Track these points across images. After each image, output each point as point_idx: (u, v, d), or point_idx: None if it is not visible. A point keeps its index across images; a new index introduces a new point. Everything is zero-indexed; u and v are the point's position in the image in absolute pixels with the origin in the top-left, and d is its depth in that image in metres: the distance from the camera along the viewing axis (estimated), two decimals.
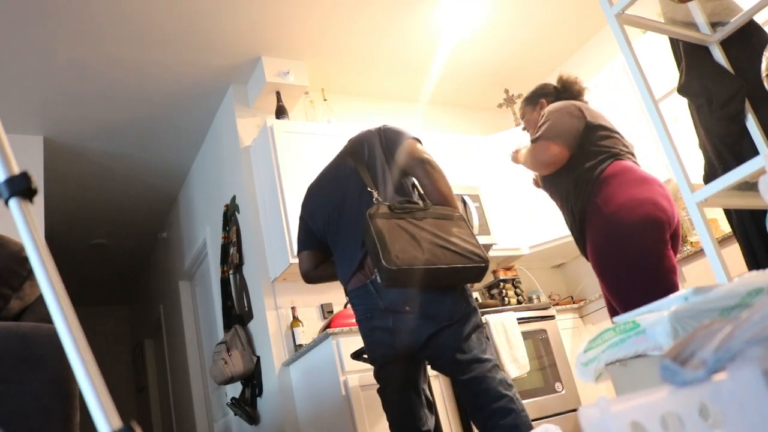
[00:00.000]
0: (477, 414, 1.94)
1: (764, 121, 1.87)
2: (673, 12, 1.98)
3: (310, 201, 2.33)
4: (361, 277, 2.07)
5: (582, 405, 0.81)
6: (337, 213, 2.17)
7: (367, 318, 2.09)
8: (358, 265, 2.07)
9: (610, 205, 2.09)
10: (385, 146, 2.19)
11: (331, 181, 2.26)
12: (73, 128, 4.19)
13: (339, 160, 2.29)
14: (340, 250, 2.18)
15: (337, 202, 2.18)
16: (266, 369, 3.52)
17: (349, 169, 2.19)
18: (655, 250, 2.01)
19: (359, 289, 2.09)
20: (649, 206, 2.05)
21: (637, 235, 2.02)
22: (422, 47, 4.20)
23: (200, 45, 3.66)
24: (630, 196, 2.08)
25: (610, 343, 1.00)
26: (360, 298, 2.09)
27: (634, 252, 2.03)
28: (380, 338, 2.06)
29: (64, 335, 0.70)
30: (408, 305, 1.96)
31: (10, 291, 1.76)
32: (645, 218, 2.03)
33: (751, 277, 0.92)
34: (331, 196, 2.22)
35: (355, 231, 2.07)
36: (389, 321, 2.01)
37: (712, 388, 0.55)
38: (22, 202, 0.77)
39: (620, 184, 2.13)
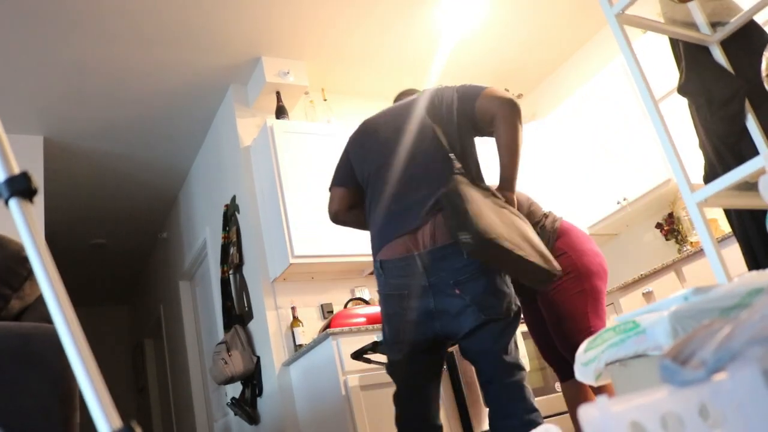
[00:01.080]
0: (506, 420, 1.80)
1: (764, 121, 1.87)
2: (673, 12, 1.98)
3: (364, 137, 2.11)
4: (408, 245, 1.83)
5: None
6: (397, 163, 1.94)
7: (401, 295, 1.85)
8: (411, 230, 1.84)
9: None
10: (460, 108, 2.00)
11: (398, 128, 2.03)
12: (73, 128, 4.19)
13: (411, 110, 2.07)
14: (387, 205, 1.92)
15: (400, 151, 1.96)
16: (266, 369, 3.52)
17: (425, 125, 1.99)
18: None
19: (401, 261, 1.84)
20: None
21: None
22: (422, 47, 4.20)
23: (200, 45, 3.66)
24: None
25: (610, 343, 1.00)
26: (398, 270, 1.84)
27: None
28: (415, 320, 1.84)
29: (64, 335, 0.70)
30: (459, 288, 1.78)
31: (10, 291, 1.76)
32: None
33: (751, 277, 0.92)
34: (393, 143, 1.99)
35: (418, 190, 1.87)
36: (431, 302, 1.81)
37: (712, 388, 0.55)
38: (22, 202, 0.77)
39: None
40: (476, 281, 1.79)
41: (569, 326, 2.30)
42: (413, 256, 1.82)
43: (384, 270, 1.90)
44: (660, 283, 3.41)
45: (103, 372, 0.71)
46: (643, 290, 3.49)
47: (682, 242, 3.90)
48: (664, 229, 4.02)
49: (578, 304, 2.30)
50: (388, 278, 1.89)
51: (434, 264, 1.80)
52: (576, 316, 2.29)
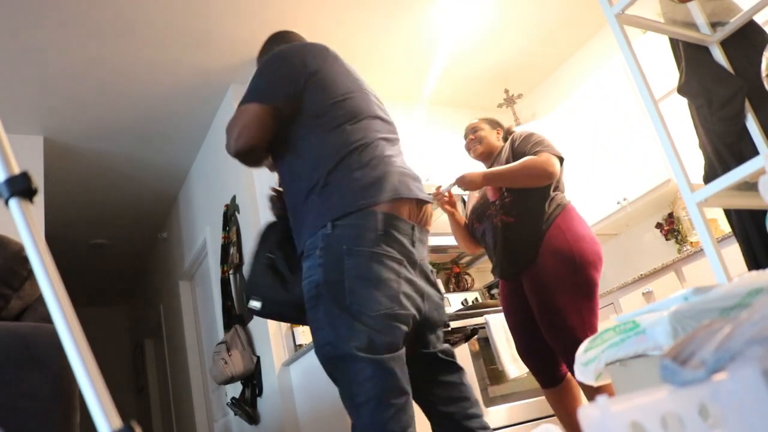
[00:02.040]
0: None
1: (764, 121, 1.87)
2: (673, 12, 1.98)
3: (346, 67, 1.93)
4: (414, 213, 1.68)
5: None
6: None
7: (400, 261, 1.60)
8: (422, 200, 1.70)
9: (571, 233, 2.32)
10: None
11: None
12: (73, 128, 4.19)
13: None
14: (400, 162, 1.74)
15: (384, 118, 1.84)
16: (266, 369, 3.52)
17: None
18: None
19: (408, 225, 1.63)
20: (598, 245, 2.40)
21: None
22: (422, 47, 4.20)
23: (200, 45, 3.66)
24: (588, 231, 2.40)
25: (610, 343, 1.00)
26: (404, 236, 1.62)
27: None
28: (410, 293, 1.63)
29: (64, 335, 0.70)
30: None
31: (11, 291, 1.76)
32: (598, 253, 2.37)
33: (751, 277, 0.92)
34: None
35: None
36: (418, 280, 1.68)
37: (712, 388, 0.55)
38: (22, 202, 0.77)
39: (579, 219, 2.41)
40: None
41: (560, 319, 2.23)
42: (413, 226, 1.65)
43: (388, 225, 1.59)
44: (660, 283, 3.41)
45: (103, 372, 0.71)
46: (643, 290, 3.49)
47: (682, 242, 3.90)
48: (664, 229, 4.02)
49: (571, 298, 2.24)
50: (388, 238, 1.58)
51: (422, 244, 1.70)
52: (568, 311, 2.23)
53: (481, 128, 2.66)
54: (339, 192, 1.60)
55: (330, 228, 1.56)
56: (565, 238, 2.28)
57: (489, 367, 3.14)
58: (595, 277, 2.30)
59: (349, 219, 1.56)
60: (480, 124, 2.69)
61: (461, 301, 3.90)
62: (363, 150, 1.67)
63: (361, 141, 1.68)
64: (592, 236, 2.37)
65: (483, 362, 3.14)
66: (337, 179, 1.61)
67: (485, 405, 3.00)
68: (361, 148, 1.67)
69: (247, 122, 1.70)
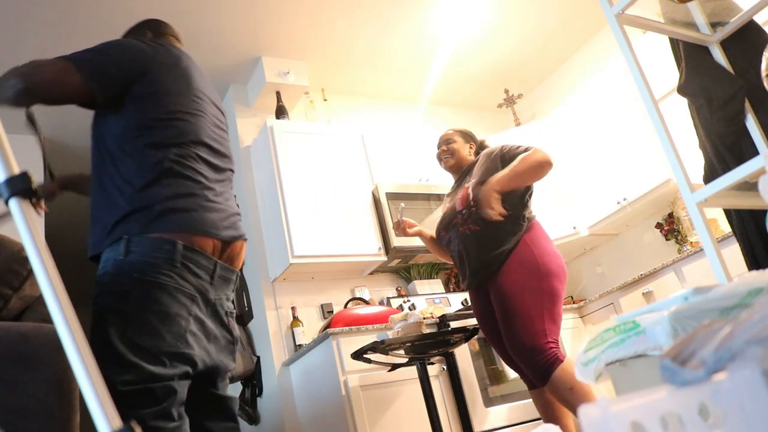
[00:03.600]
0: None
1: (764, 121, 1.87)
2: (673, 12, 1.98)
3: (191, 74, 1.79)
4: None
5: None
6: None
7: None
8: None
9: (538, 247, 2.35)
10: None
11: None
12: (73, 128, 4.19)
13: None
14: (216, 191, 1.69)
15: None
16: (266, 369, 3.52)
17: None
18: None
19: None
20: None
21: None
22: (422, 47, 4.20)
23: (200, 45, 3.66)
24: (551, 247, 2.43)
25: (610, 343, 1.00)
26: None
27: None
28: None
29: (64, 335, 0.71)
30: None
31: (11, 291, 1.76)
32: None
33: (751, 277, 0.92)
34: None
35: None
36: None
37: (712, 388, 0.55)
38: (22, 202, 0.77)
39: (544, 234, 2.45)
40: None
41: (521, 324, 2.21)
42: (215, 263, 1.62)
43: (186, 258, 1.53)
44: (660, 283, 3.41)
45: None
46: (643, 290, 3.49)
47: (682, 242, 3.90)
48: (664, 229, 4.03)
49: (534, 303, 2.23)
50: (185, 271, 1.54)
51: (223, 282, 1.65)
52: (530, 315, 2.21)
53: (455, 140, 2.69)
54: (143, 211, 1.51)
55: (124, 247, 1.49)
56: (531, 251, 2.32)
57: (489, 367, 3.14)
58: (559, 288, 2.29)
59: (145, 243, 1.48)
60: (454, 136, 2.71)
61: (461, 301, 3.90)
62: (177, 175, 1.57)
63: (178, 166, 1.57)
64: (556, 252, 2.40)
65: (483, 362, 3.14)
66: (146, 197, 1.53)
67: (485, 405, 3.01)
68: (176, 173, 1.56)
69: (56, 76, 1.65)
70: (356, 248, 3.57)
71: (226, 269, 1.62)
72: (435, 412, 2.47)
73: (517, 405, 3.07)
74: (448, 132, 2.74)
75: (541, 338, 2.19)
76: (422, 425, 2.66)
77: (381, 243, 3.66)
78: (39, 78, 1.65)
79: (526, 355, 2.22)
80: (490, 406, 3.01)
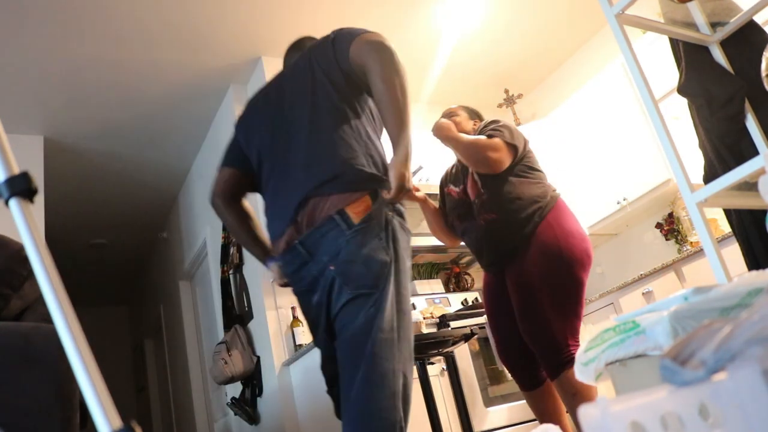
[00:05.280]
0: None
1: (764, 121, 1.87)
2: (673, 12, 1.97)
3: (250, 117, 2.01)
4: (291, 235, 1.68)
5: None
6: (277, 150, 1.85)
7: (298, 290, 1.73)
8: (292, 221, 1.70)
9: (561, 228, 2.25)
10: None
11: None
12: (73, 128, 4.19)
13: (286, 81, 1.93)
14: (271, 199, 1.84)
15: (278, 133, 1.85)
16: (266, 369, 3.52)
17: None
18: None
19: (288, 253, 1.70)
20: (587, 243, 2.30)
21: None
22: (422, 47, 4.20)
23: (200, 45, 3.66)
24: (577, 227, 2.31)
25: (610, 342, 1.00)
26: (288, 265, 1.72)
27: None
28: (313, 315, 1.72)
29: (64, 335, 0.70)
30: (333, 263, 1.66)
31: (11, 291, 1.76)
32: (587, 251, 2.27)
33: (751, 277, 0.92)
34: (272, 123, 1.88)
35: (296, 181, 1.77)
36: (318, 292, 1.68)
37: (712, 388, 0.55)
38: (22, 202, 0.77)
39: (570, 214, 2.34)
40: (347, 249, 1.56)
41: (542, 320, 2.14)
42: (295, 246, 1.63)
43: (282, 268, 1.73)
44: (660, 283, 3.41)
45: (103, 372, 0.71)
46: (643, 290, 3.49)
47: (682, 242, 3.90)
48: (664, 229, 4.02)
49: (557, 300, 2.15)
50: (287, 275, 1.72)
51: (312, 244, 1.61)
52: (552, 313, 2.13)
53: (457, 114, 2.56)
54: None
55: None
56: (554, 233, 2.20)
57: (489, 367, 3.14)
58: (582, 276, 2.19)
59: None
60: (457, 110, 2.59)
61: (461, 301, 3.90)
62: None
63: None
64: (582, 233, 2.28)
65: (483, 362, 3.14)
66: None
67: (485, 405, 3.00)
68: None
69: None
70: None
71: (310, 235, 1.63)
72: (435, 412, 2.47)
73: (517, 405, 3.07)
74: (452, 107, 2.63)
75: (562, 336, 2.13)
76: (422, 425, 2.66)
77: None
78: (213, 204, 2.00)
79: (543, 349, 2.16)
80: (490, 406, 3.01)
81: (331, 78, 1.71)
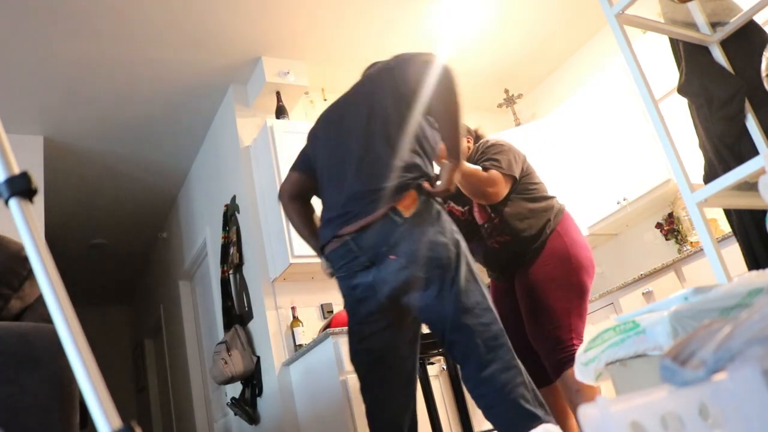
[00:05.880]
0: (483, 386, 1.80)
1: (764, 121, 1.87)
2: (673, 12, 1.98)
3: (319, 130, 2.27)
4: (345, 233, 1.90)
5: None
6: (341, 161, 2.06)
7: (346, 277, 1.93)
8: (349, 221, 1.91)
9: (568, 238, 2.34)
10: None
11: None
12: (73, 128, 4.19)
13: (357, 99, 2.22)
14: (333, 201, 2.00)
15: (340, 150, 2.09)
16: (266, 369, 3.52)
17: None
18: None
19: (340, 248, 1.91)
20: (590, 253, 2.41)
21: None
22: (422, 47, 4.20)
23: (200, 45, 3.66)
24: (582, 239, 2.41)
25: (611, 342, 1.00)
26: (339, 259, 1.91)
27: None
28: (360, 296, 1.92)
29: (64, 335, 0.70)
30: (393, 253, 1.83)
31: (10, 291, 1.76)
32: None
33: (751, 277, 0.92)
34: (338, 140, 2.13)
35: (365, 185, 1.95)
36: (370, 275, 1.86)
37: (712, 388, 0.55)
38: (22, 202, 0.77)
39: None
40: (408, 240, 1.76)
41: (549, 319, 2.21)
42: (347, 242, 1.83)
43: (330, 261, 1.93)
44: (660, 283, 3.41)
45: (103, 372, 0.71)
46: (643, 290, 3.49)
47: (682, 242, 3.90)
48: (664, 229, 4.02)
49: (562, 298, 2.22)
50: (334, 267, 1.92)
51: (365, 240, 1.80)
52: (558, 311, 2.21)
53: None
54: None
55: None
56: (563, 241, 2.30)
57: None
58: (588, 282, 2.29)
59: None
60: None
61: None
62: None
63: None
64: (586, 243, 2.39)
65: None
66: None
67: None
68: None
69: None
70: None
71: (361, 230, 1.82)
72: (435, 412, 2.47)
73: None
74: None
75: (566, 333, 2.20)
76: (422, 425, 2.66)
77: None
78: (281, 200, 2.18)
79: (547, 347, 2.22)
80: None
81: (392, 96, 1.98)
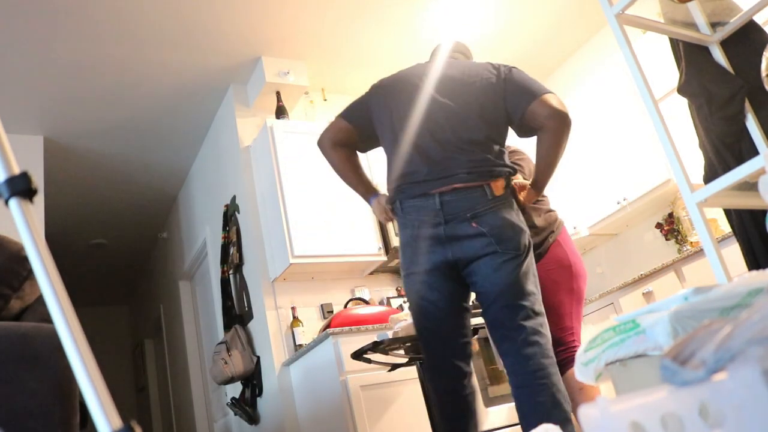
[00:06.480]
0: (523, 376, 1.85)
1: (764, 121, 1.87)
2: (673, 12, 1.98)
3: (400, 86, 2.17)
4: (433, 188, 1.96)
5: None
6: (439, 120, 2.05)
7: (417, 225, 1.96)
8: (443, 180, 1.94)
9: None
10: (510, 100, 2.03)
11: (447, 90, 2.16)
12: (73, 128, 4.19)
13: (465, 78, 2.21)
14: (424, 155, 1.99)
15: (438, 112, 2.07)
16: (266, 369, 3.52)
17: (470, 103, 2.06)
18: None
19: (419, 199, 1.95)
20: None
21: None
22: (422, 48, 4.20)
23: (200, 45, 3.66)
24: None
25: (610, 343, 1.00)
26: (415, 209, 1.94)
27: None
28: (427, 247, 1.93)
29: (64, 335, 0.70)
30: (476, 221, 1.88)
31: (10, 291, 1.76)
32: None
33: (751, 277, 0.92)
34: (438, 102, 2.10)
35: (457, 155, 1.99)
36: (442, 230, 1.91)
37: (712, 388, 0.55)
38: (22, 202, 0.77)
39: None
40: (494, 215, 1.85)
41: (552, 320, 2.27)
42: (433, 196, 1.87)
43: (403, 210, 1.94)
44: (660, 283, 3.41)
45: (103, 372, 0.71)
46: (643, 290, 3.48)
47: (682, 242, 3.90)
48: (664, 229, 4.02)
49: (564, 302, 2.36)
50: (406, 215, 1.94)
51: (452, 201, 1.86)
52: (560, 312, 2.33)
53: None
54: None
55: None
56: (563, 250, 2.43)
57: (489, 367, 3.14)
58: (584, 289, 2.45)
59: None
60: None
61: None
62: None
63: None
64: (579, 255, 2.54)
65: (483, 362, 3.14)
66: None
67: (485, 405, 3.00)
68: None
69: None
70: (356, 248, 3.57)
71: (454, 191, 1.91)
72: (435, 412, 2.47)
73: None
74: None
75: (568, 335, 2.31)
76: (422, 425, 2.66)
77: (381, 243, 3.66)
78: (321, 145, 2.18)
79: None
80: (490, 406, 3.01)
81: (505, 115, 2.02)
